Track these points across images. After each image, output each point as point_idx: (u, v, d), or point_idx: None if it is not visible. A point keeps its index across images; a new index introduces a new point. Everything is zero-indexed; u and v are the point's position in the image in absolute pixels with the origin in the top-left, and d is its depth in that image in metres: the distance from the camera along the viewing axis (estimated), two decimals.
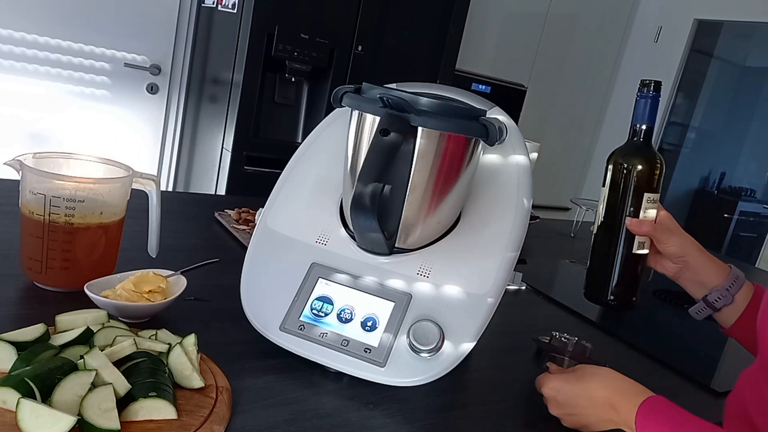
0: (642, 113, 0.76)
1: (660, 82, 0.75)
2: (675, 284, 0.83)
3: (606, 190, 0.79)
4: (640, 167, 0.75)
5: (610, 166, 0.78)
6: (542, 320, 1.11)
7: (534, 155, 1.26)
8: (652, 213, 0.77)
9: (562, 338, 0.90)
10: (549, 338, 0.92)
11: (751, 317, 0.75)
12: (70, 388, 0.54)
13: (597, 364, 0.84)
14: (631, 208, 0.76)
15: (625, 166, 0.76)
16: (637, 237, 0.77)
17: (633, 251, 0.77)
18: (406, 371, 0.72)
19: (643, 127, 0.76)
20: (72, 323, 0.66)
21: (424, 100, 0.70)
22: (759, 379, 0.71)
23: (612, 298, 0.79)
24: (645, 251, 0.78)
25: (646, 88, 0.76)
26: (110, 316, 0.70)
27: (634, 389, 0.68)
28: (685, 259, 0.78)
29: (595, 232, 0.80)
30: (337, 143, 0.83)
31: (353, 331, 0.74)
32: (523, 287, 1.24)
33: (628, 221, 0.76)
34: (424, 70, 2.54)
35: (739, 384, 0.77)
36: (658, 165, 0.76)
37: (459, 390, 0.79)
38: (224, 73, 2.30)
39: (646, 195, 0.76)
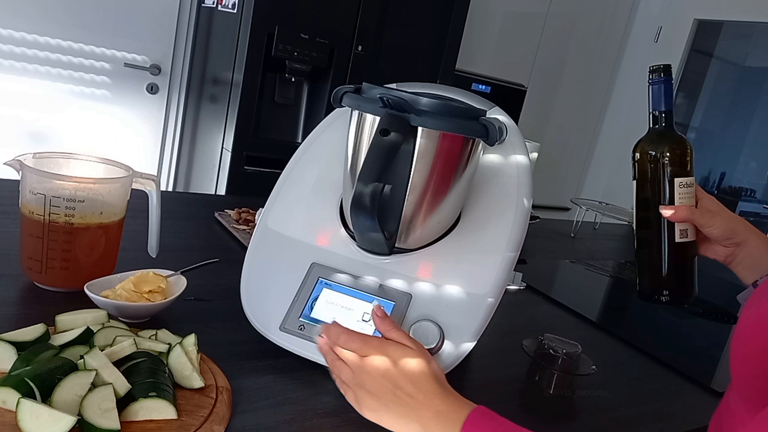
0: (658, 99, 0.74)
1: (669, 65, 0.73)
2: None
3: (636, 183, 0.76)
4: (667, 152, 0.73)
5: (637, 155, 0.75)
6: (542, 320, 1.11)
7: (534, 155, 1.27)
8: (688, 198, 0.73)
9: (551, 349, 0.85)
10: (536, 346, 0.88)
11: None
12: (70, 388, 0.54)
13: (587, 368, 0.84)
14: (666, 197, 0.73)
15: (652, 153, 0.74)
16: (677, 225, 0.73)
17: (675, 241, 0.73)
18: None
19: (662, 112, 0.74)
20: (72, 323, 0.66)
21: (424, 100, 0.70)
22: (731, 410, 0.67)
23: (666, 293, 0.75)
24: (689, 239, 0.74)
25: (655, 74, 0.74)
26: (110, 316, 0.70)
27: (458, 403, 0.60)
28: (734, 240, 0.72)
29: (635, 229, 0.77)
30: (337, 143, 0.83)
31: None
32: (523, 287, 1.24)
33: (663, 209, 0.72)
34: (424, 70, 2.54)
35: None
36: (687, 148, 0.74)
37: (459, 390, 0.79)
38: (224, 73, 2.30)
39: (678, 180, 0.73)
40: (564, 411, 0.80)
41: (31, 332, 0.61)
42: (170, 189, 2.73)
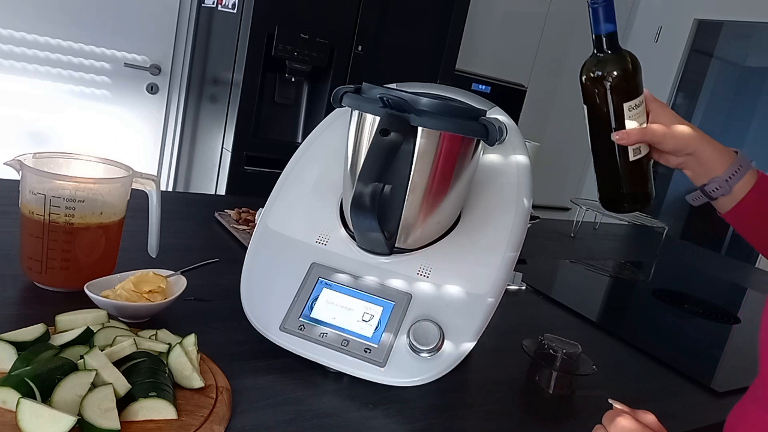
0: (598, 20, 0.71)
1: None
2: (675, 284, 0.83)
3: (586, 107, 0.75)
4: (613, 77, 0.72)
5: (584, 80, 0.74)
6: (542, 320, 1.11)
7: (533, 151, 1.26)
8: (638, 117, 0.73)
9: (551, 349, 0.85)
10: (536, 346, 0.88)
11: (749, 205, 0.74)
12: (70, 388, 0.54)
13: (586, 368, 0.84)
14: (616, 121, 0.73)
15: (599, 80, 0.72)
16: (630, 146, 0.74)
17: (630, 160, 0.75)
18: (406, 371, 0.72)
19: (606, 35, 0.72)
20: (72, 323, 0.66)
21: (424, 100, 0.70)
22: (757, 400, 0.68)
23: (626, 205, 0.77)
24: (642, 154, 0.75)
25: None
26: (110, 316, 0.70)
27: None
28: (686, 152, 0.74)
29: (590, 145, 0.77)
30: (337, 143, 0.83)
31: (353, 331, 0.74)
32: (523, 287, 1.24)
33: (614, 136, 0.73)
34: (424, 70, 2.54)
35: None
36: (633, 68, 0.72)
37: (459, 390, 0.79)
38: (224, 73, 2.30)
39: (626, 105, 0.72)
40: (564, 411, 0.80)
41: (31, 332, 0.61)
42: (170, 189, 2.73)
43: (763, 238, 0.77)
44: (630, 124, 0.73)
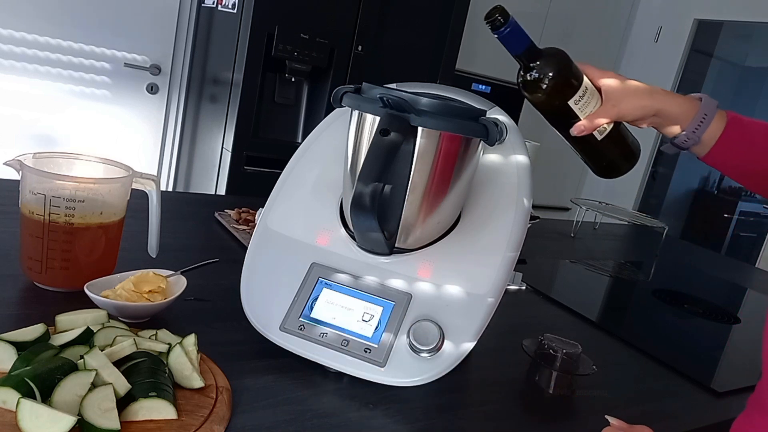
0: (510, 45, 0.72)
1: (497, 6, 0.71)
2: (675, 284, 0.83)
3: (540, 113, 0.78)
4: (544, 84, 0.73)
5: (525, 94, 0.76)
6: (542, 320, 1.11)
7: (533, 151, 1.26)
8: (589, 106, 0.75)
9: (551, 349, 0.86)
10: (536, 346, 0.88)
11: (723, 148, 0.76)
12: (70, 388, 0.54)
13: (586, 368, 0.84)
14: (569, 118, 0.75)
15: (532, 90, 0.74)
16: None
17: (599, 140, 0.78)
18: (406, 371, 0.72)
19: (523, 53, 0.73)
20: (72, 323, 0.66)
21: (424, 100, 0.70)
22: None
23: (617, 170, 0.81)
24: (610, 129, 0.78)
25: (494, 27, 0.71)
26: (110, 316, 0.70)
27: None
28: (649, 114, 0.76)
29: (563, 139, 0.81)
30: (337, 143, 0.83)
31: (353, 331, 0.74)
32: (523, 287, 1.24)
33: (573, 132, 0.76)
34: (424, 70, 2.54)
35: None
36: (559, 68, 0.74)
37: (459, 390, 0.79)
38: (224, 73, 2.30)
39: (571, 101, 0.74)
40: (564, 411, 0.80)
41: (31, 332, 0.61)
42: (170, 189, 2.73)
43: (745, 175, 0.79)
44: (583, 114, 0.75)
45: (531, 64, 0.74)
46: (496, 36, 0.71)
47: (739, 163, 0.77)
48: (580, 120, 0.75)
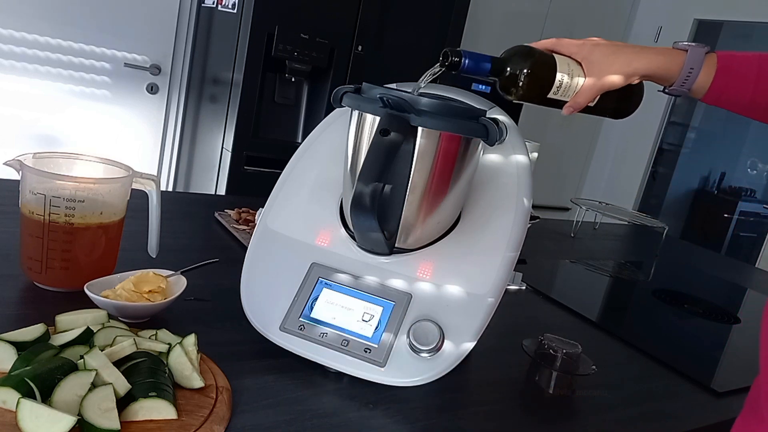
0: (476, 72, 0.76)
1: (444, 51, 0.75)
2: (675, 284, 0.83)
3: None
4: (520, 89, 0.76)
5: (513, 100, 0.79)
6: (542, 320, 1.11)
7: (534, 155, 1.26)
8: (571, 88, 0.77)
9: (551, 349, 0.85)
10: (536, 346, 0.88)
11: (719, 91, 0.78)
12: (70, 388, 0.54)
13: (586, 368, 0.84)
14: (556, 105, 0.78)
15: (515, 96, 0.77)
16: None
17: (595, 106, 0.80)
18: (406, 371, 0.72)
19: (489, 71, 0.77)
20: (72, 323, 0.66)
21: (424, 100, 0.70)
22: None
23: (625, 112, 0.84)
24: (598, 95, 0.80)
25: (454, 67, 0.75)
26: (110, 316, 0.70)
27: None
28: (636, 77, 0.77)
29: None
30: (337, 143, 0.83)
31: (353, 331, 0.74)
32: (523, 287, 1.24)
33: (564, 113, 0.79)
34: (424, 70, 2.54)
35: None
36: (528, 69, 0.76)
37: (459, 390, 0.79)
38: (224, 73, 2.30)
39: (551, 93, 0.77)
40: (564, 411, 0.80)
41: (31, 332, 0.61)
42: (170, 189, 2.73)
43: (748, 110, 0.80)
44: (567, 96, 0.78)
45: (500, 73, 0.78)
46: (463, 73, 0.76)
47: (737, 101, 0.79)
48: (568, 101, 0.78)
